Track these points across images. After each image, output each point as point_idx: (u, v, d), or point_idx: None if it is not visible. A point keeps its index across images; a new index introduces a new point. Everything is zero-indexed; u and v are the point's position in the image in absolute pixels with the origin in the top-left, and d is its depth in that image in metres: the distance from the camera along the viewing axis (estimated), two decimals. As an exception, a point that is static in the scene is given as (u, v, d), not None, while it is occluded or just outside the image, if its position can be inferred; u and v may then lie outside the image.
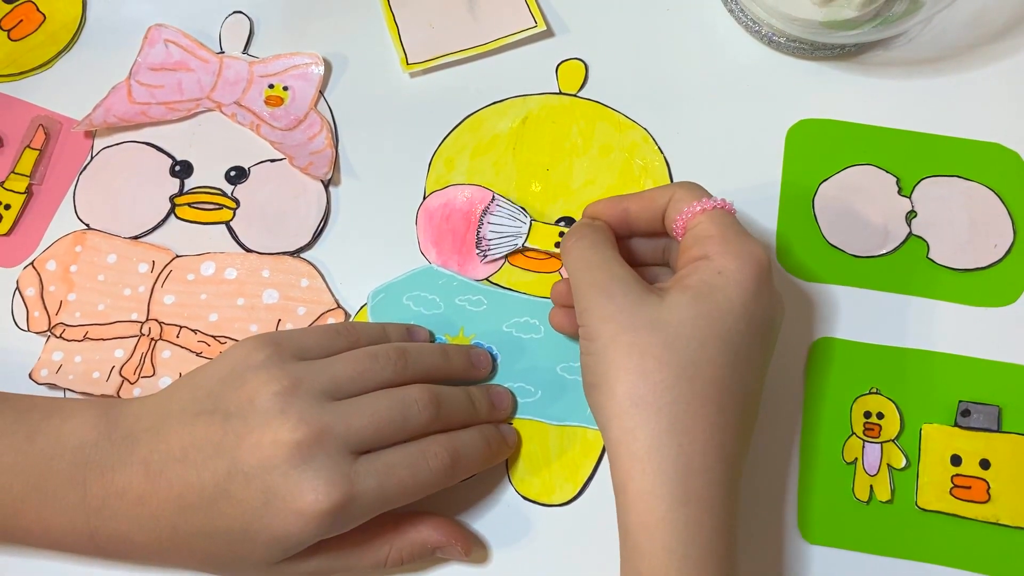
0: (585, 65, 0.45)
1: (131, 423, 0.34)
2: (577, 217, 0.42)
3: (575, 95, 0.45)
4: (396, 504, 0.34)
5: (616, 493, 0.32)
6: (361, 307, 0.42)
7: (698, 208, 0.34)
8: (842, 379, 0.40)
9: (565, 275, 0.41)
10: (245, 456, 0.32)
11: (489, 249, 0.42)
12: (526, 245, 0.41)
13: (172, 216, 0.43)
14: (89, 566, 0.38)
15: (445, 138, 0.44)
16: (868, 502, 0.38)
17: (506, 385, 0.40)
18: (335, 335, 0.37)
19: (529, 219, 0.42)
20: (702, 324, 0.32)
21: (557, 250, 0.40)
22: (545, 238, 0.41)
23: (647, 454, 0.31)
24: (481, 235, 0.42)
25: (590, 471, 0.39)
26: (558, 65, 0.46)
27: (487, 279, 0.42)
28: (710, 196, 0.35)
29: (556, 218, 0.43)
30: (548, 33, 0.46)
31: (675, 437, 0.31)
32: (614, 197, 0.38)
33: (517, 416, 0.40)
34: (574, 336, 0.37)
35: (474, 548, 0.37)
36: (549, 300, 0.41)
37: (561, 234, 0.41)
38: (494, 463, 0.38)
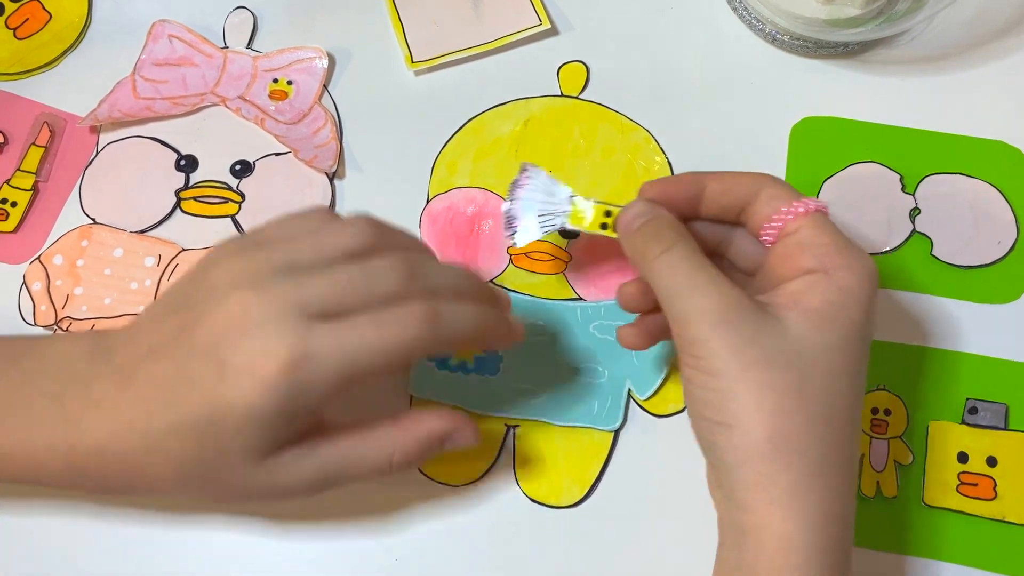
0: (586, 67, 0.46)
1: (114, 337, 0.33)
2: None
3: (577, 97, 0.45)
4: (366, 369, 0.30)
5: (740, 534, 0.30)
6: (364, 308, 0.41)
7: (801, 210, 0.32)
8: (847, 375, 0.40)
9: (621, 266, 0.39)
10: (200, 337, 0.30)
11: (516, 231, 0.36)
12: (569, 227, 0.36)
13: (178, 210, 0.43)
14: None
15: (447, 142, 0.44)
16: (874, 498, 0.38)
17: (512, 387, 0.40)
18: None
19: (570, 195, 0.36)
20: (834, 355, 0.30)
21: (603, 232, 0.35)
22: (591, 220, 0.36)
23: (789, 500, 0.29)
24: (512, 213, 0.38)
25: (597, 472, 0.39)
26: (559, 67, 0.46)
27: (491, 281, 0.42)
28: (803, 195, 0.33)
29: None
30: (552, 31, 0.46)
31: (818, 481, 0.29)
32: (689, 173, 0.34)
33: (523, 418, 0.40)
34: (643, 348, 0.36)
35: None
36: (554, 302, 0.41)
37: (607, 213, 0.36)
38: (492, 343, 0.34)
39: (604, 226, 0.36)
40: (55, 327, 0.41)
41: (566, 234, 0.42)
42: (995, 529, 0.38)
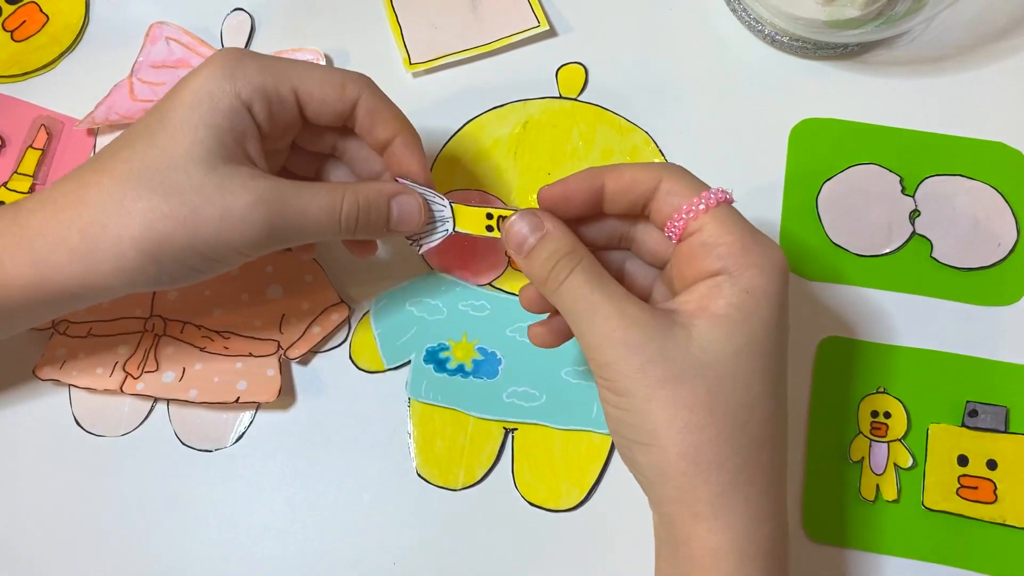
0: (585, 69, 0.45)
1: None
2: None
3: (575, 99, 0.45)
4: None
5: (672, 545, 0.30)
6: (364, 314, 0.41)
7: (700, 207, 0.30)
8: (849, 378, 0.40)
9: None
10: (165, 101, 0.33)
11: (422, 238, 0.37)
12: (457, 231, 0.36)
13: (175, 213, 0.43)
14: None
15: (446, 144, 0.44)
16: (874, 501, 0.38)
17: (510, 390, 0.40)
18: None
19: (449, 202, 0.36)
20: (744, 360, 0.29)
21: (489, 234, 0.35)
22: (474, 223, 0.36)
23: (712, 512, 0.29)
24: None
25: (596, 476, 0.39)
26: (558, 69, 0.46)
27: (490, 284, 0.42)
28: (706, 187, 0.31)
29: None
30: (551, 33, 0.46)
31: (739, 491, 0.29)
32: (587, 170, 0.33)
33: (522, 421, 0.40)
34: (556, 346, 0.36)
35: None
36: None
37: (489, 215, 0.35)
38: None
39: (490, 228, 0.36)
40: (52, 330, 0.41)
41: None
42: (995, 532, 0.38)
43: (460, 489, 0.39)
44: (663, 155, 0.44)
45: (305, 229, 0.33)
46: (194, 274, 0.33)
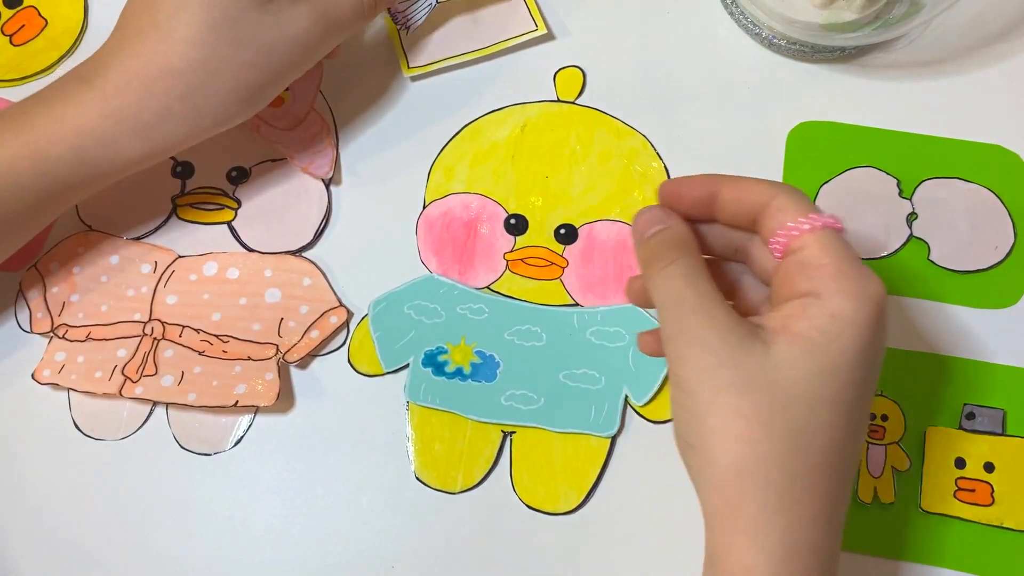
0: (583, 72, 0.46)
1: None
2: (576, 224, 0.42)
3: (573, 102, 0.45)
4: None
5: (708, 560, 0.30)
6: (363, 317, 0.42)
7: (806, 227, 0.30)
8: (845, 380, 0.40)
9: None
10: None
11: (409, 18, 0.41)
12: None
13: (174, 216, 0.43)
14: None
15: (444, 147, 0.44)
16: (871, 504, 0.38)
17: (508, 393, 0.40)
18: None
19: None
20: (816, 384, 0.28)
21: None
22: None
23: (752, 530, 0.28)
24: (395, 10, 0.44)
25: (594, 478, 0.39)
26: (556, 72, 0.46)
27: (488, 287, 0.42)
28: (817, 209, 0.30)
29: (556, 226, 0.43)
30: (549, 36, 0.46)
31: (783, 514, 0.28)
32: (705, 175, 0.33)
33: (520, 424, 0.40)
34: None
35: None
36: (549, 307, 0.41)
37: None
38: None
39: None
40: (51, 334, 0.41)
41: None
42: (993, 535, 0.38)
43: (458, 492, 0.39)
44: (661, 159, 0.44)
45: (348, 26, 0.39)
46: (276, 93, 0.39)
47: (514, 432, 0.40)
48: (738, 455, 0.28)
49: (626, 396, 0.40)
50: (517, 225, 0.43)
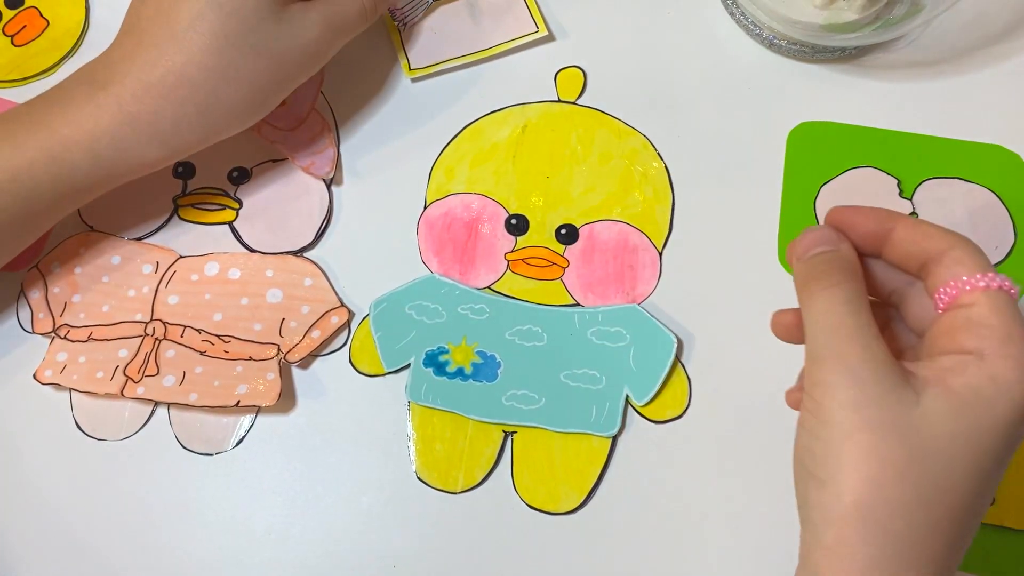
0: (583, 73, 0.46)
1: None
2: (577, 224, 0.42)
3: (574, 103, 0.45)
4: None
5: None
6: (364, 317, 0.42)
7: (981, 284, 0.28)
8: (845, 380, 0.40)
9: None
10: None
11: (407, 15, 0.43)
12: None
13: (175, 217, 0.43)
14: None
15: (445, 147, 0.44)
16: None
17: (509, 393, 0.40)
18: None
19: None
20: (959, 443, 0.27)
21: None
22: None
23: (861, 573, 0.27)
24: (393, 8, 0.46)
25: (595, 479, 0.39)
26: (556, 73, 0.46)
27: (489, 287, 0.42)
28: (993, 269, 0.29)
29: (557, 226, 0.43)
30: (549, 38, 0.46)
31: (897, 563, 0.27)
32: (882, 209, 0.32)
33: (521, 424, 0.40)
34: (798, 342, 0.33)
35: None
36: (550, 307, 0.41)
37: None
38: None
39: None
40: (53, 335, 0.41)
41: None
42: (994, 535, 0.38)
43: (460, 492, 0.39)
44: (661, 159, 0.44)
45: (352, 28, 0.41)
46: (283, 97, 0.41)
47: (515, 432, 0.40)
48: (865, 494, 0.27)
49: (627, 396, 0.40)
50: (518, 225, 0.43)
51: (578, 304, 0.41)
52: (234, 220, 0.43)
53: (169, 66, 0.36)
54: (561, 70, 0.46)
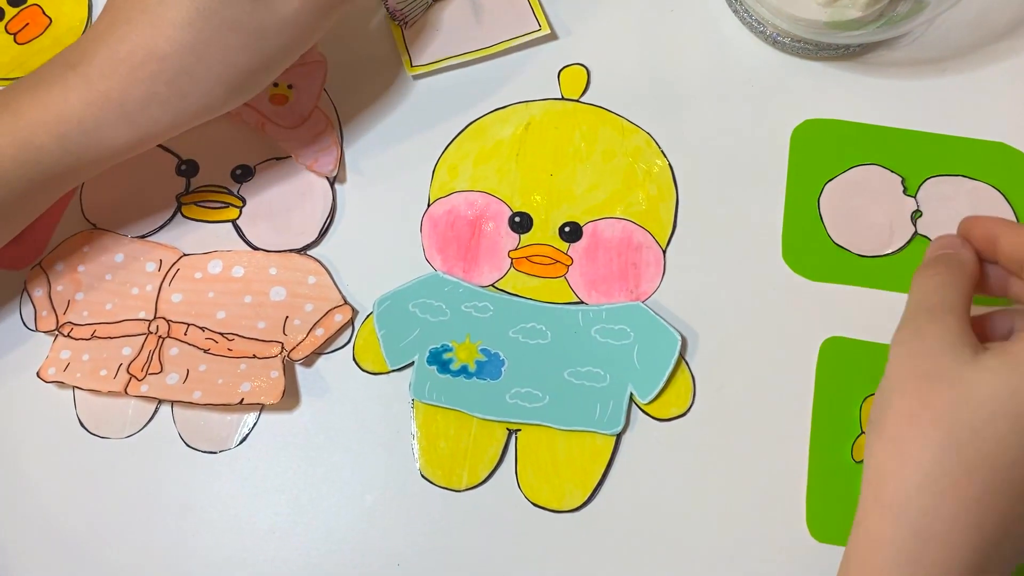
0: (587, 70, 0.46)
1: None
2: (581, 222, 0.42)
3: (577, 100, 0.45)
4: None
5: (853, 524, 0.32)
6: (368, 315, 0.42)
7: None
8: (851, 378, 0.40)
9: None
10: None
11: (406, 15, 0.42)
12: None
13: (179, 215, 0.43)
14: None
15: (448, 145, 0.44)
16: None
17: (513, 390, 0.40)
18: None
19: None
20: (1003, 396, 0.29)
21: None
22: None
23: (893, 501, 0.30)
24: (391, 8, 0.45)
25: (599, 476, 0.39)
26: (560, 71, 0.46)
27: (493, 285, 0.42)
28: None
29: (560, 223, 0.43)
30: (552, 36, 0.46)
31: (926, 495, 0.29)
32: (993, 218, 0.35)
33: (525, 422, 0.40)
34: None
35: None
36: (554, 305, 0.41)
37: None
38: None
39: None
40: (56, 332, 0.41)
41: None
42: None
43: (463, 490, 0.39)
44: (665, 156, 0.44)
45: (335, 5, 0.38)
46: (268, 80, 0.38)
47: (519, 430, 0.40)
48: (899, 430, 0.30)
49: (631, 394, 0.40)
50: (522, 223, 0.43)
51: (582, 302, 0.41)
52: (238, 218, 0.43)
53: (138, 40, 0.35)
54: (564, 68, 0.46)
